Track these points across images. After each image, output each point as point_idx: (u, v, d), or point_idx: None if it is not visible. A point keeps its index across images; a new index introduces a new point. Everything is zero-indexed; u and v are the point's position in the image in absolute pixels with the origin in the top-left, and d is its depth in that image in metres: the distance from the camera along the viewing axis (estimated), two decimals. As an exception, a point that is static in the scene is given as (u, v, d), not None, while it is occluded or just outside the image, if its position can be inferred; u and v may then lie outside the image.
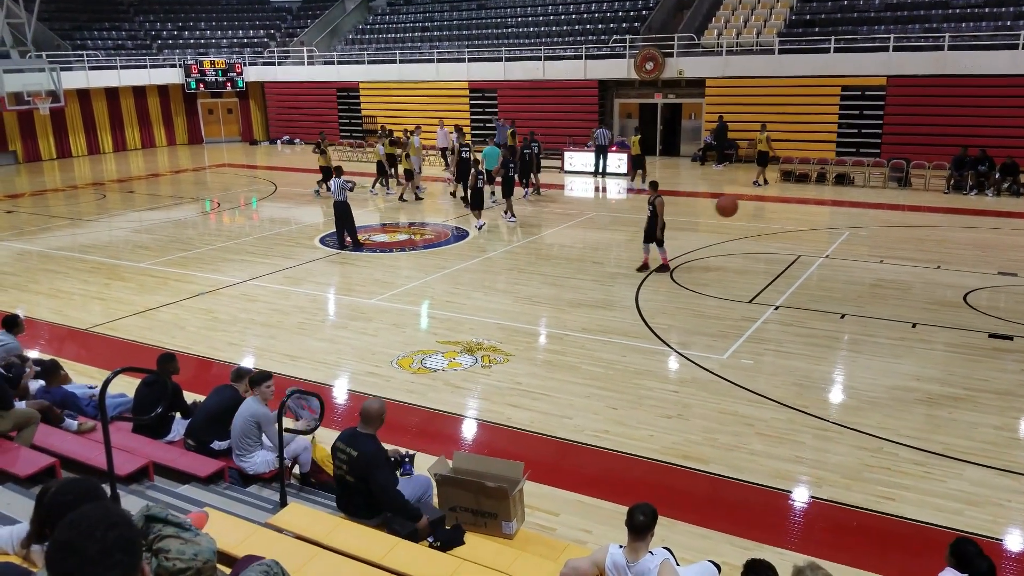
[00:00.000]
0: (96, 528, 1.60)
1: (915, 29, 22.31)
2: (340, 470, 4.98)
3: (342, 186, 14.42)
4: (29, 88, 24.22)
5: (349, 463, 4.92)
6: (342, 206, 14.49)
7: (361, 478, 4.87)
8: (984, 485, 6.36)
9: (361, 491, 4.90)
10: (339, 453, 5.00)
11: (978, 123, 20.55)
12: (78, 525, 1.61)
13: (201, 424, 6.20)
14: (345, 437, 5.05)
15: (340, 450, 5.00)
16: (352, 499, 4.99)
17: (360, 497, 4.93)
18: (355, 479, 4.90)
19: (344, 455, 4.96)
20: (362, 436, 4.97)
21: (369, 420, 5.03)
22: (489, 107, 28.29)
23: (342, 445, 5.00)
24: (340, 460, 4.99)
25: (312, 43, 32.83)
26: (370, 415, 5.03)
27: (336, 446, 5.05)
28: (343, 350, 9.68)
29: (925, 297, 11.25)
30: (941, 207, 17.80)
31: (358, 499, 4.95)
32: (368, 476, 4.84)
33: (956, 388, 8.16)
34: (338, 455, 5.01)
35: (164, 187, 23.35)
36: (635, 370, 8.82)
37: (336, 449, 5.03)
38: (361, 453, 4.88)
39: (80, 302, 11.87)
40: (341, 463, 4.97)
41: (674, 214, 17.85)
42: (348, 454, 4.93)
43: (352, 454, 4.91)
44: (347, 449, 4.95)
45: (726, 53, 24.00)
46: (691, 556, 5.21)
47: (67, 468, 5.55)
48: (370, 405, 5.10)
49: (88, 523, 1.61)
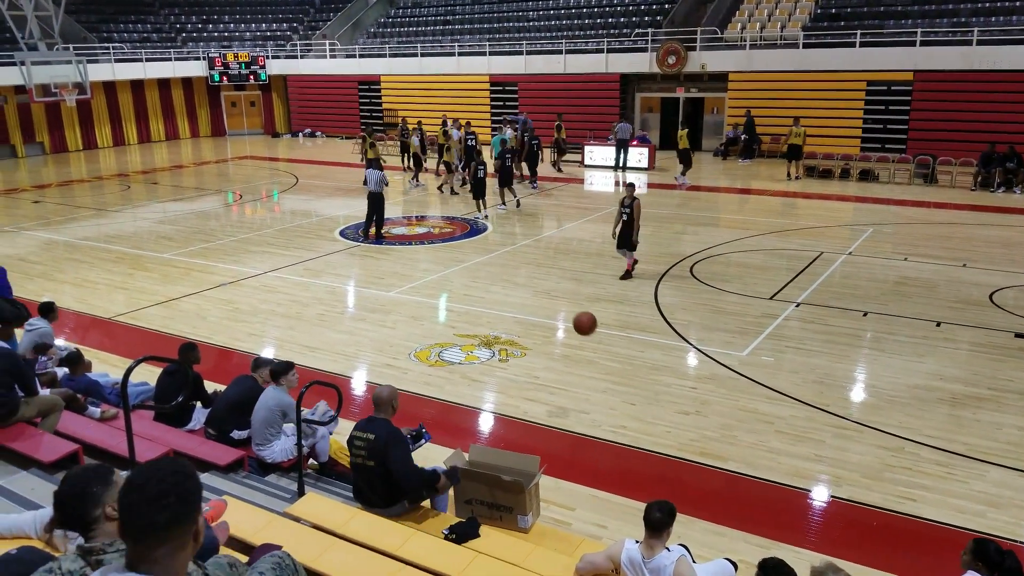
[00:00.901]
0: (161, 473, 1.80)
1: (943, 23, 21.96)
2: (358, 457, 5.02)
3: (381, 179, 14.88)
4: (56, 80, 24.54)
5: (367, 447, 4.97)
6: (377, 197, 14.95)
7: (380, 462, 4.92)
8: (1007, 487, 6.27)
9: (380, 476, 4.93)
10: (356, 440, 5.04)
11: (1007, 119, 20.18)
12: (148, 469, 1.82)
13: (221, 413, 6.26)
14: (361, 425, 5.11)
15: (357, 437, 5.04)
16: (370, 486, 5.01)
17: (379, 483, 4.95)
18: (375, 463, 4.94)
19: (361, 440, 5.00)
20: (378, 420, 5.05)
21: (381, 405, 5.11)
22: (510, 100, 28.24)
23: (359, 432, 5.05)
24: (357, 447, 5.02)
25: (334, 36, 32.94)
26: (381, 400, 5.12)
27: (353, 435, 5.08)
28: (361, 342, 9.73)
29: (950, 295, 11.09)
30: (967, 204, 17.53)
31: (376, 486, 4.96)
32: (386, 456, 4.90)
33: (980, 388, 8.05)
34: (355, 442, 5.04)
35: (187, 179, 23.58)
36: (653, 366, 8.79)
37: (353, 438, 5.06)
38: (378, 435, 4.95)
39: (104, 291, 12.03)
40: (359, 449, 5.01)
41: (696, 209, 17.77)
42: (365, 439, 4.98)
43: (369, 438, 4.97)
44: (364, 435, 5.00)
45: (750, 47, 23.76)
46: (707, 554, 5.19)
47: (90, 454, 5.63)
48: (380, 391, 5.19)
49: (156, 469, 1.81)
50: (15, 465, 5.42)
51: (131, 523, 1.77)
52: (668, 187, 20.51)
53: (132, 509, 1.77)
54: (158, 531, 1.77)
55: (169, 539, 1.79)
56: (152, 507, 1.76)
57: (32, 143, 28.52)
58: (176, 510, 1.79)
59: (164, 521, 1.77)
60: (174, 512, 1.78)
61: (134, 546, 1.79)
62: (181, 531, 1.80)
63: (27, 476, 5.26)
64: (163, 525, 1.77)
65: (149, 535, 1.77)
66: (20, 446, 5.51)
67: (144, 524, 1.76)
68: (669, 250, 13.86)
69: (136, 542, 1.79)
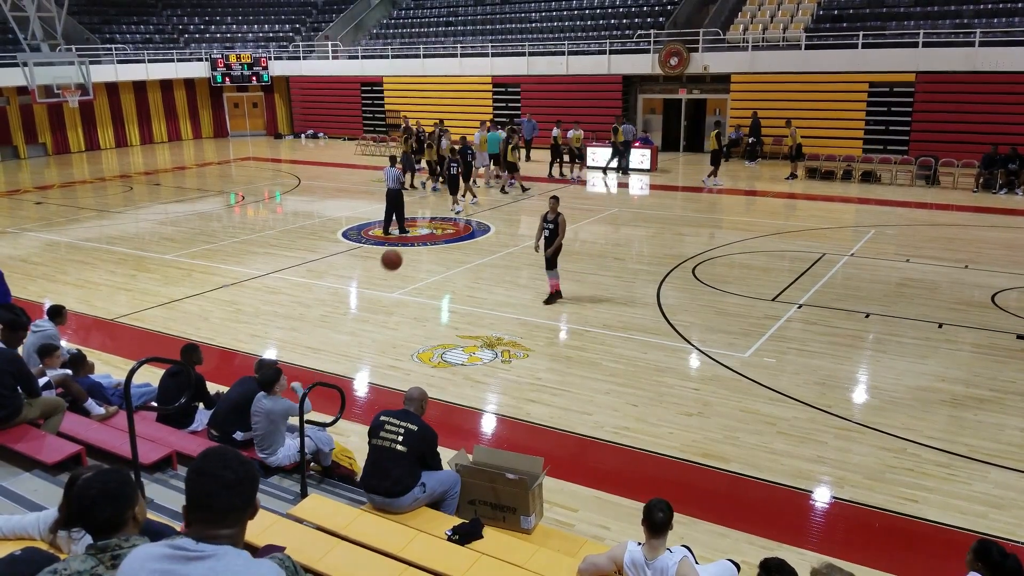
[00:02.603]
0: (232, 461, 2.05)
1: (945, 24, 21.94)
2: (388, 440, 5.10)
3: (397, 176, 15.26)
4: (59, 81, 24.55)
5: (406, 435, 5.09)
6: (395, 194, 15.26)
7: (415, 450, 5.06)
8: (1009, 488, 6.27)
9: (406, 465, 5.01)
10: (388, 424, 5.15)
11: (1009, 120, 20.17)
12: (218, 458, 2.06)
13: (224, 415, 6.27)
14: (396, 413, 5.24)
15: (390, 423, 5.15)
16: (389, 471, 4.99)
17: (402, 472, 4.99)
18: (407, 448, 5.05)
19: (399, 427, 5.13)
20: (415, 417, 5.23)
21: (412, 402, 5.34)
22: (512, 102, 28.25)
23: (394, 420, 5.17)
24: (389, 431, 5.13)
25: (337, 37, 32.97)
26: (412, 398, 5.37)
27: (384, 420, 5.19)
28: (364, 343, 9.74)
29: (952, 297, 11.08)
30: (970, 206, 17.51)
31: (397, 472, 4.98)
32: (426, 451, 5.14)
33: (982, 389, 8.04)
34: (387, 426, 5.15)
35: (190, 180, 23.61)
36: (656, 367, 8.79)
37: (384, 422, 5.18)
38: (422, 428, 5.15)
39: (107, 293, 12.05)
40: (391, 433, 5.12)
41: (698, 211, 17.77)
42: (404, 427, 5.12)
43: (411, 428, 5.12)
44: (401, 423, 5.15)
45: (752, 48, 23.75)
46: (710, 555, 5.19)
47: (92, 456, 5.64)
48: (412, 391, 5.46)
49: (226, 457, 2.07)
50: (18, 466, 5.44)
51: (211, 507, 2.01)
52: (670, 189, 20.51)
53: (213, 495, 2.01)
54: (236, 511, 2.04)
55: (241, 520, 2.06)
56: (231, 492, 2.02)
57: (35, 144, 28.56)
58: (248, 496, 2.06)
59: (241, 503, 2.05)
60: (247, 498, 2.06)
61: (207, 527, 2.00)
62: (251, 511, 2.09)
63: (30, 477, 5.27)
64: (241, 507, 2.05)
65: (229, 515, 2.02)
66: (23, 447, 5.52)
67: (224, 507, 2.01)
68: (671, 251, 13.86)
69: (211, 524, 2.01)
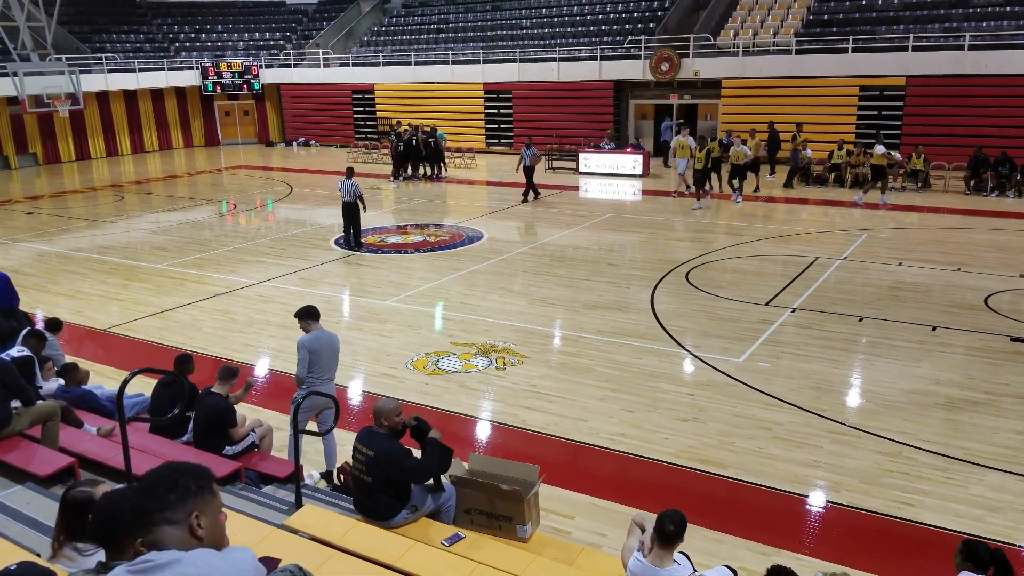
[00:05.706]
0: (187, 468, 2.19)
1: (934, 28, 22.08)
2: (358, 470, 4.99)
3: (354, 190, 14.49)
4: (49, 91, 24.44)
5: (367, 463, 4.92)
6: (351, 207, 14.63)
7: (379, 477, 4.87)
8: (1005, 491, 6.28)
9: (379, 490, 4.90)
10: (356, 453, 5.01)
11: (999, 124, 20.30)
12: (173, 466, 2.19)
13: (202, 436, 6.22)
14: (362, 437, 5.06)
15: (357, 450, 5.01)
16: (370, 499, 4.98)
17: (380, 497, 4.92)
18: (372, 479, 4.90)
19: (361, 455, 4.97)
20: (377, 435, 4.99)
21: (379, 417, 5.03)
22: (504, 109, 28.29)
23: (359, 445, 5.02)
24: (357, 460, 4.99)
25: (328, 45, 32.96)
26: (380, 412, 5.03)
27: (355, 446, 5.06)
28: (358, 351, 9.70)
29: (945, 300, 11.12)
30: (961, 209, 17.60)
31: (377, 498, 4.94)
32: (390, 471, 4.85)
33: (977, 392, 8.06)
34: (355, 455, 5.02)
35: (181, 189, 23.53)
36: (651, 373, 8.78)
37: (355, 447, 5.05)
38: (377, 452, 4.90)
39: (98, 303, 11.98)
40: (359, 462, 4.98)
41: (691, 216, 17.79)
42: (364, 454, 4.95)
43: (369, 454, 4.92)
44: (363, 449, 4.97)
45: (743, 54, 23.86)
46: (707, 561, 5.17)
47: (86, 468, 5.59)
48: (383, 404, 5.10)
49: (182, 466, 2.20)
50: (9, 479, 5.38)
51: (109, 542, 2.19)
52: (664, 194, 20.55)
53: (99, 539, 2.24)
54: (125, 533, 2.12)
55: (149, 529, 2.09)
56: (99, 527, 2.26)
57: (25, 154, 28.42)
58: (117, 519, 2.18)
59: (119, 529, 2.15)
60: (115, 522, 2.18)
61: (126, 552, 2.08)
62: (160, 518, 2.11)
63: (23, 490, 5.22)
64: (126, 529, 2.12)
65: (123, 539, 2.13)
66: (15, 459, 5.48)
67: (107, 537, 2.20)
68: (664, 256, 13.87)
69: (124, 550, 2.10)
